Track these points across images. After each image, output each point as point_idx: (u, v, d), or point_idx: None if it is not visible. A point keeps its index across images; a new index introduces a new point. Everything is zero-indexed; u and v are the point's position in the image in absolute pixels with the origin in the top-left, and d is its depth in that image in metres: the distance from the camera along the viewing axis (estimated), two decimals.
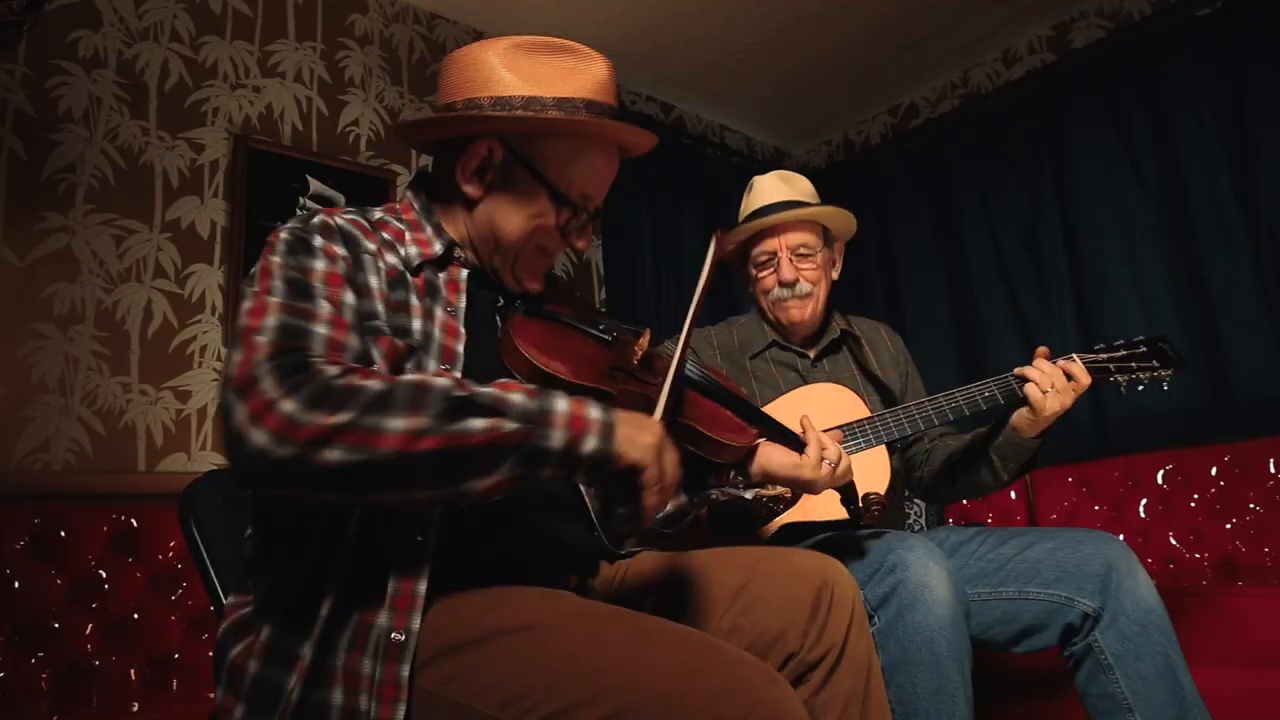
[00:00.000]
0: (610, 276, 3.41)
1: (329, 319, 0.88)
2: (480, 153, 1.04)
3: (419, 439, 0.78)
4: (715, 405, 1.12)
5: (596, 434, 0.83)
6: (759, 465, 1.13)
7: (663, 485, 0.86)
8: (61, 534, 1.87)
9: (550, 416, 0.82)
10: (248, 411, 0.76)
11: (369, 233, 1.00)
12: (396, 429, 0.77)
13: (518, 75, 1.02)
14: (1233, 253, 2.77)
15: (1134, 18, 3.17)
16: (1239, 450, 2.56)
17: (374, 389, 0.79)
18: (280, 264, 0.91)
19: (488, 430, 0.80)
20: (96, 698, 1.74)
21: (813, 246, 1.74)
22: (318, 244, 0.94)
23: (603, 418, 0.85)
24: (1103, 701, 1.30)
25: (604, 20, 3.19)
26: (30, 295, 2.13)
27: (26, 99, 2.21)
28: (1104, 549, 1.35)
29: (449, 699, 0.80)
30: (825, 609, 0.98)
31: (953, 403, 1.52)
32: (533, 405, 0.83)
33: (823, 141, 4.34)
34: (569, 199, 1.06)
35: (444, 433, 0.78)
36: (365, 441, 0.76)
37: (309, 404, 0.77)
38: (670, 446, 0.88)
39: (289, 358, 0.81)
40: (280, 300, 0.86)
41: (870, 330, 1.88)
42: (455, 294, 1.04)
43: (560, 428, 0.82)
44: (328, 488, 0.78)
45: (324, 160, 2.71)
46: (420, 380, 0.82)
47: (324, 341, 0.85)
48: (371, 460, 0.77)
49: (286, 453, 0.75)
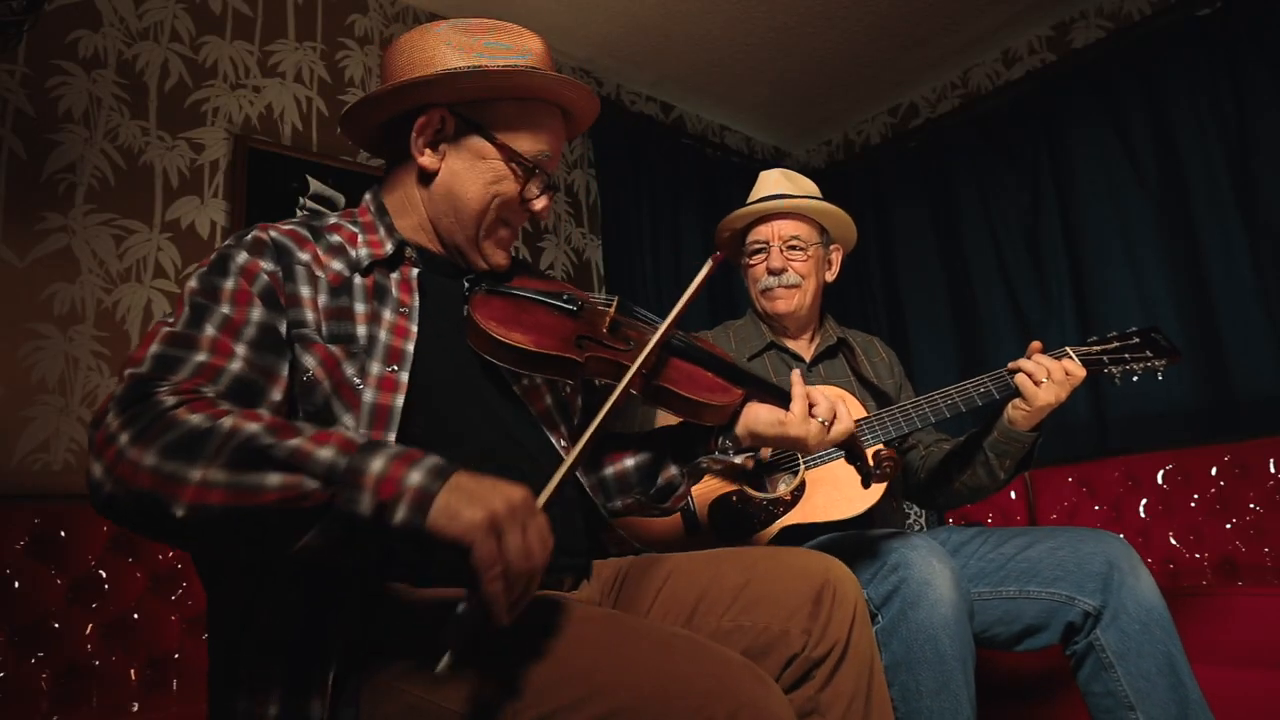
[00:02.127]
0: (610, 276, 3.41)
1: (210, 344, 0.88)
2: (433, 123, 1.06)
3: (209, 491, 0.74)
4: (694, 367, 1.09)
5: (408, 503, 0.73)
6: (743, 425, 1.10)
7: (504, 570, 0.71)
8: (61, 534, 1.87)
9: (359, 476, 0.74)
10: (93, 443, 0.78)
11: (306, 242, 1.01)
12: (193, 479, 0.74)
13: (460, 51, 1.05)
14: (1233, 253, 2.77)
15: (1134, 18, 3.18)
16: (1239, 450, 2.56)
17: (191, 427, 0.76)
18: (194, 288, 0.93)
19: (283, 488, 0.73)
20: (96, 698, 1.74)
21: (805, 240, 1.76)
22: (239, 261, 0.95)
23: (421, 483, 0.74)
24: (1104, 700, 1.30)
25: (604, 20, 3.19)
26: (30, 295, 2.13)
27: (26, 99, 2.21)
28: (1105, 548, 1.35)
29: (439, 704, 0.80)
30: (828, 607, 0.97)
31: (949, 400, 1.52)
32: (341, 462, 0.75)
33: (823, 141, 4.34)
34: (524, 158, 1.07)
35: (234, 487, 0.74)
36: (162, 488, 0.74)
37: (134, 438, 0.76)
38: (525, 518, 0.74)
39: (137, 389, 0.81)
40: (170, 330, 0.88)
41: (865, 342, 1.91)
42: (408, 293, 1.04)
43: (369, 491, 0.74)
44: (150, 529, 0.77)
45: (324, 160, 2.71)
46: (234, 424, 0.77)
47: (194, 368, 0.85)
48: (168, 508, 0.74)
49: (110, 489, 0.76)
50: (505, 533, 0.72)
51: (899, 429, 1.53)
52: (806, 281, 1.76)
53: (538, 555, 0.74)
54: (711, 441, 1.13)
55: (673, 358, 1.09)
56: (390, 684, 0.82)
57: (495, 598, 0.71)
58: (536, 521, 0.75)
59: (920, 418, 1.53)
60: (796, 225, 1.77)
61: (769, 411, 1.09)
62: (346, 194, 2.71)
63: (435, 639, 0.72)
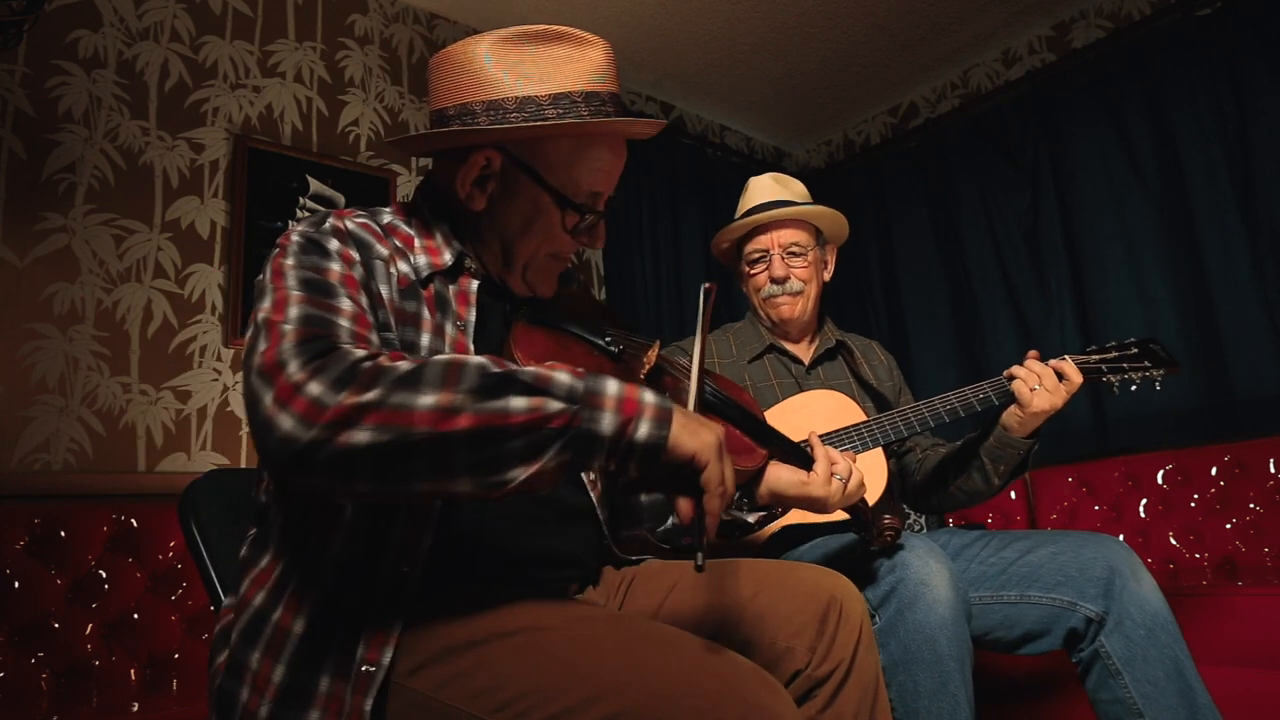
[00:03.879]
0: (610, 276, 3.41)
1: (352, 315, 0.84)
2: (479, 163, 0.99)
3: (452, 417, 0.72)
4: (726, 425, 1.06)
5: (651, 419, 0.76)
6: (767, 486, 1.09)
7: (725, 490, 0.77)
8: (61, 534, 1.87)
9: (599, 398, 0.76)
10: (274, 396, 0.73)
11: (381, 238, 0.97)
12: (427, 405, 0.72)
13: (510, 73, 0.97)
14: (1233, 253, 2.77)
15: (1134, 18, 3.18)
16: (1239, 450, 2.56)
17: (403, 368, 0.74)
18: (294, 265, 0.87)
19: (530, 410, 0.73)
20: (96, 698, 1.74)
21: (804, 245, 1.77)
22: (333, 247, 0.90)
23: (658, 402, 0.78)
24: (1113, 707, 1.30)
25: (604, 20, 3.19)
26: (30, 295, 2.13)
27: (26, 99, 2.21)
28: (1106, 553, 1.35)
29: (445, 703, 0.79)
30: (834, 625, 0.96)
31: (947, 404, 1.52)
32: (579, 385, 0.76)
33: (823, 141, 4.34)
34: (575, 202, 1.01)
35: (481, 410, 0.72)
36: (394, 419, 0.71)
37: (336, 385, 0.72)
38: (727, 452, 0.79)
39: (316, 343, 0.77)
40: (302, 294, 0.83)
41: (864, 345, 1.91)
42: (465, 308, 0.99)
43: (610, 410, 0.75)
44: (360, 475, 0.73)
45: (324, 160, 2.71)
46: (454, 358, 0.76)
47: (350, 333, 0.82)
48: (402, 441, 0.71)
49: (313, 435, 0.71)
50: (724, 456, 0.78)
51: (898, 433, 1.53)
52: (809, 286, 1.77)
53: (733, 483, 0.80)
54: None
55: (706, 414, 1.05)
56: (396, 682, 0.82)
57: (716, 512, 0.77)
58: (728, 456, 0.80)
59: (919, 422, 1.53)
60: (795, 232, 1.77)
61: (791, 473, 1.08)
62: (346, 194, 2.71)
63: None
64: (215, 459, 2.33)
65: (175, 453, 2.28)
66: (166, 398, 2.30)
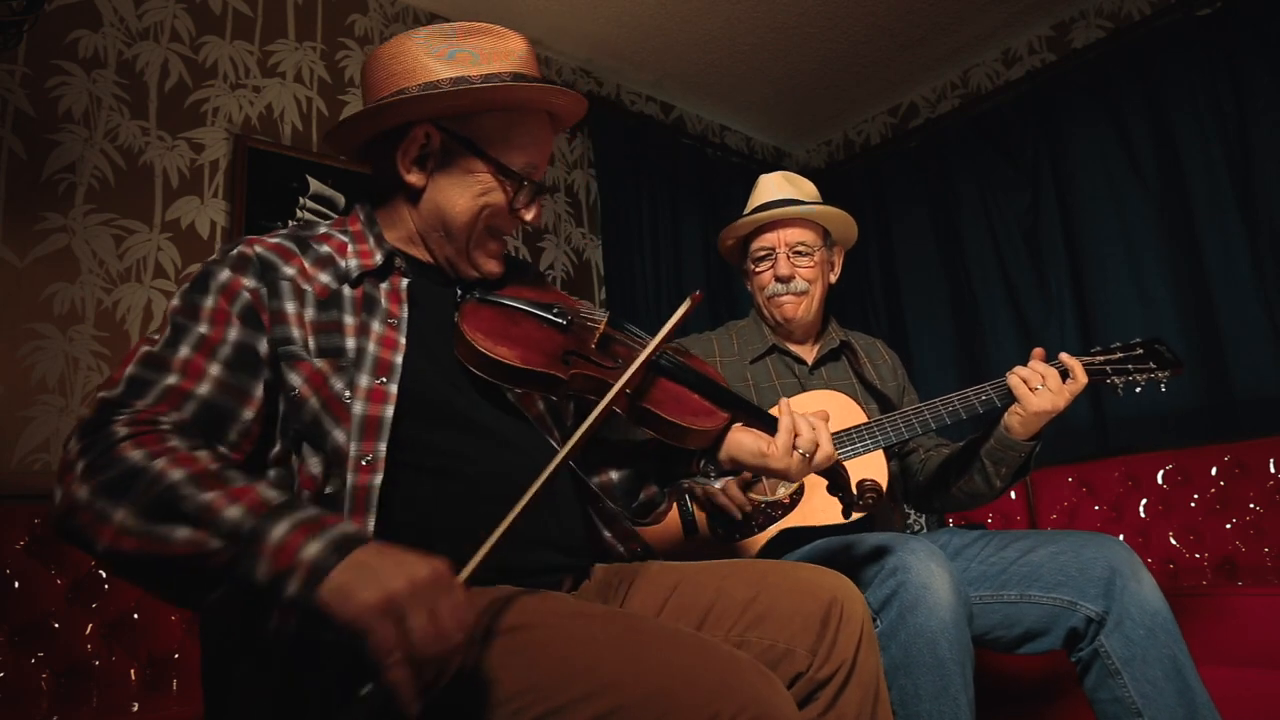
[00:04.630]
0: (610, 276, 3.41)
1: (182, 366, 0.89)
2: (418, 140, 1.04)
3: (124, 536, 0.75)
4: (681, 389, 1.07)
5: (300, 577, 0.69)
6: (726, 451, 1.08)
7: (407, 655, 0.66)
8: None
9: (259, 544, 0.71)
10: (59, 464, 0.81)
11: (292, 256, 1.01)
12: (114, 521, 0.75)
13: (440, 61, 1.03)
14: (1233, 253, 2.77)
15: (1134, 18, 3.18)
16: (1239, 450, 2.56)
17: (127, 466, 0.77)
18: (175, 306, 0.94)
19: (188, 544, 0.73)
20: (96, 698, 1.74)
21: (811, 245, 1.75)
22: (220, 279, 0.95)
23: (316, 556, 0.69)
24: (1112, 706, 1.30)
25: (604, 20, 3.19)
26: (30, 295, 2.13)
27: (26, 99, 2.21)
28: (1107, 553, 1.35)
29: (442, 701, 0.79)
30: (835, 626, 0.96)
31: (949, 406, 1.52)
32: (247, 524, 0.72)
33: (823, 141, 4.34)
34: (512, 170, 1.06)
35: (143, 535, 0.74)
36: (91, 528, 0.76)
37: (84, 471, 0.78)
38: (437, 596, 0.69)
39: (100, 415, 0.83)
40: (148, 350, 0.90)
41: (868, 344, 1.90)
42: (397, 304, 1.03)
43: (266, 558, 0.71)
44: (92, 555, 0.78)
45: (324, 160, 2.71)
46: (161, 469, 0.77)
47: (161, 393, 0.86)
48: (91, 547, 0.76)
49: (57, 514, 0.78)
50: (407, 615, 0.67)
51: (899, 435, 1.53)
52: (814, 287, 1.75)
53: (451, 636, 0.68)
54: (694, 463, 1.13)
55: (660, 378, 1.07)
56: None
57: (399, 686, 0.66)
58: (450, 598, 0.70)
59: (921, 424, 1.52)
60: (802, 231, 1.75)
61: (753, 439, 1.06)
62: (346, 194, 2.71)
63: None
64: None
65: None
66: None
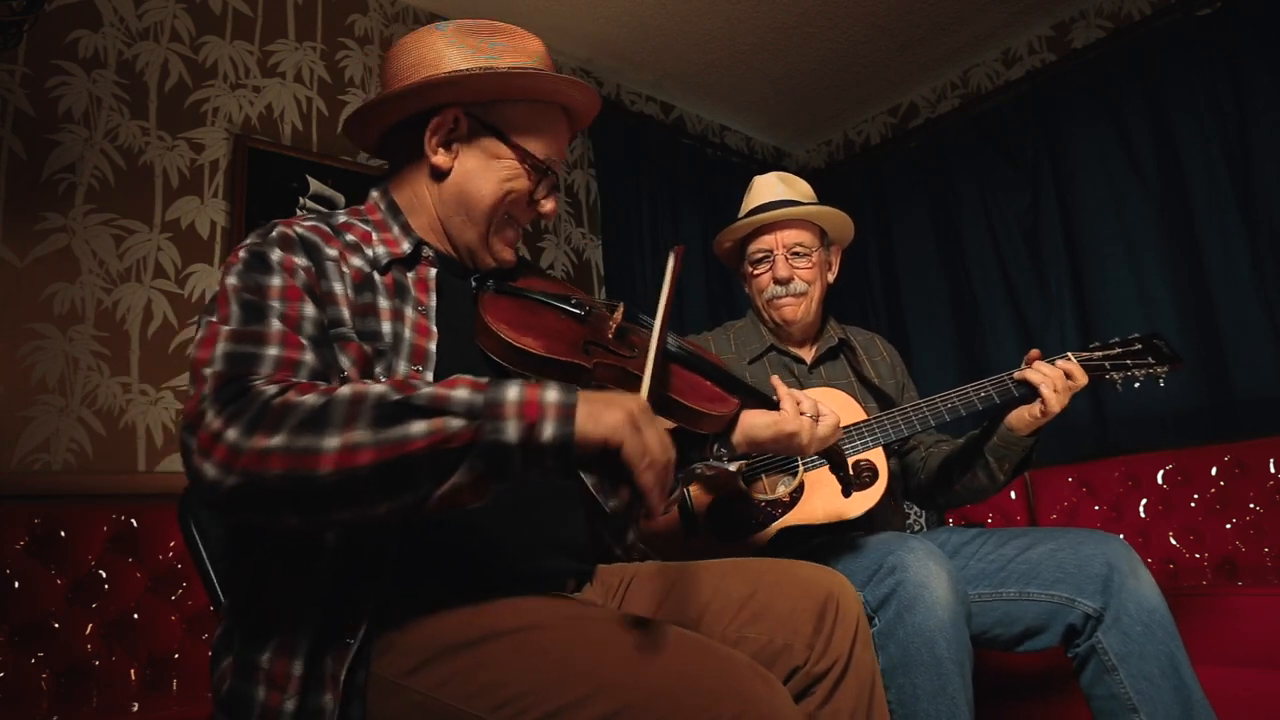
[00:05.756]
0: (610, 276, 3.41)
1: (280, 338, 0.87)
2: (447, 123, 1.06)
3: (355, 453, 0.74)
4: (695, 376, 1.10)
5: (554, 418, 0.76)
6: (741, 433, 1.11)
7: (651, 460, 0.77)
8: (61, 534, 1.87)
9: (500, 408, 0.76)
10: (197, 445, 0.77)
11: (330, 238, 1.00)
12: (332, 446, 0.75)
13: (465, 53, 1.05)
14: (1233, 253, 2.77)
15: (1134, 18, 3.18)
16: (1239, 450, 2.56)
17: (308, 405, 0.77)
18: (236, 286, 0.90)
19: (430, 434, 0.75)
20: (96, 698, 1.74)
21: (809, 246, 1.75)
22: (275, 258, 0.93)
23: (559, 399, 0.77)
24: (1108, 703, 1.30)
25: (604, 20, 3.19)
26: (30, 295, 2.13)
27: (26, 99, 2.21)
28: (1105, 549, 1.35)
29: (444, 702, 0.80)
30: (831, 622, 0.97)
31: (949, 404, 1.52)
32: (479, 398, 0.77)
33: (823, 141, 4.34)
34: (536, 159, 1.08)
35: (381, 443, 0.75)
36: (301, 463, 0.74)
37: (247, 429, 0.76)
38: (650, 419, 0.80)
39: (231, 387, 0.80)
40: (231, 328, 0.87)
41: (866, 340, 1.89)
42: (425, 292, 1.04)
43: (512, 418, 0.76)
44: (283, 510, 0.76)
45: (324, 160, 2.71)
46: (356, 391, 0.78)
47: (273, 362, 0.85)
48: (310, 480, 0.74)
49: (234, 481, 0.75)
50: (643, 428, 0.77)
51: (899, 432, 1.53)
52: (812, 288, 1.75)
53: (670, 447, 0.79)
54: (707, 448, 1.14)
55: (674, 365, 1.09)
56: (395, 681, 0.83)
57: (650, 486, 0.76)
58: (657, 420, 0.80)
59: (920, 421, 1.52)
60: (799, 232, 1.75)
61: (762, 415, 1.10)
62: (346, 194, 2.71)
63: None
64: None
65: (175, 453, 2.28)
66: (166, 398, 2.30)
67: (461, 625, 0.84)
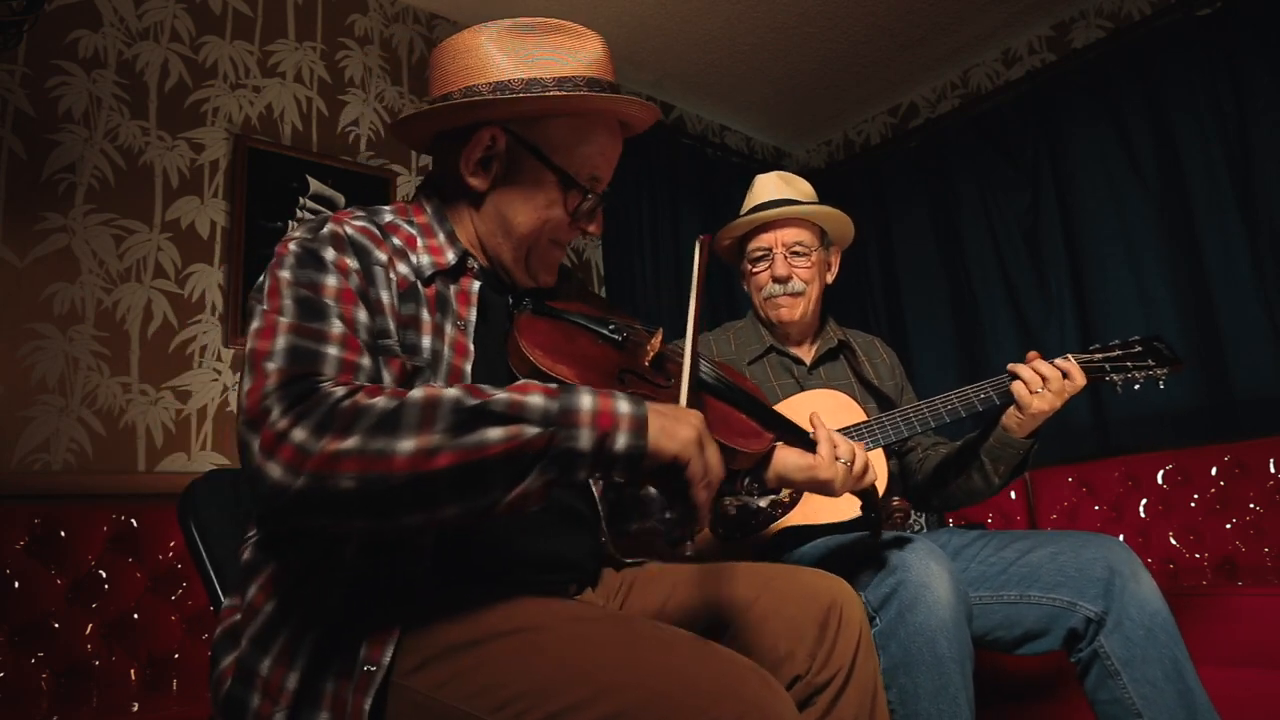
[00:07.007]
0: (610, 276, 3.41)
1: (341, 339, 0.84)
2: (483, 142, 1.00)
3: (432, 457, 0.74)
4: (730, 409, 1.07)
5: (628, 430, 0.78)
6: (774, 470, 1.09)
7: (709, 480, 0.80)
8: (61, 534, 1.87)
9: (574, 415, 0.77)
10: (260, 444, 0.75)
11: (380, 241, 0.96)
12: (407, 450, 0.74)
13: (514, 59, 0.99)
14: (1233, 253, 2.77)
15: (1134, 18, 3.18)
16: (1239, 450, 2.56)
17: (381, 408, 0.76)
18: (290, 280, 0.87)
19: (506, 439, 0.75)
20: (96, 698, 1.74)
21: (808, 245, 1.75)
22: (329, 257, 0.90)
23: (633, 411, 0.79)
24: (1111, 707, 1.29)
25: (605, 20, 3.19)
26: (30, 295, 2.13)
27: (26, 99, 2.21)
28: (1106, 553, 1.35)
29: (444, 702, 0.79)
30: (834, 631, 0.96)
31: (949, 405, 1.52)
32: (554, 405, 0.77)
33: (823, 141, 4.34)
34: (577, 182, 1.02)
35: (458, 447, 0.74)
36: (375, 466, 0.73)
37: (317, 431, 0.74)
38: (710, 439, 0.82)
39: (297, 385, 0.78)
40: (290, 320, 0.84)
41: (865, 342, 1.89)
42: (466, 307, 1.00)
43: (586, 426, 0.77)
44: (351, 514, 0.75)
45: (324, 160, 2.71)
46: (429, 394, 0.77)
47: (336, 363, 0.83)
48: (384, 484, 0.73)
49: (302, 484, 0.73)
50: (706, 447, 0.81)
51: (899, 433, 1.53)
52: (810, 288, 1.75)
53: (721, 470, 0.83)
54: (738, 482, 1.12)
55: (709, 397, 1.06)
56: (395, 681, 0.82)
57: (703, 504, 0.81)
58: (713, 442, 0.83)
59: (920, 422, 1.52)
60: (799, 231, 1.76)
61: (798, 456, 1.08)
62: (346, 194, 2.71)
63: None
64: (215, 459, 2.33)
65: (175, 453, 2.28)
66: (166, 398, 2.30)
67: (463, 626, 0.83)
